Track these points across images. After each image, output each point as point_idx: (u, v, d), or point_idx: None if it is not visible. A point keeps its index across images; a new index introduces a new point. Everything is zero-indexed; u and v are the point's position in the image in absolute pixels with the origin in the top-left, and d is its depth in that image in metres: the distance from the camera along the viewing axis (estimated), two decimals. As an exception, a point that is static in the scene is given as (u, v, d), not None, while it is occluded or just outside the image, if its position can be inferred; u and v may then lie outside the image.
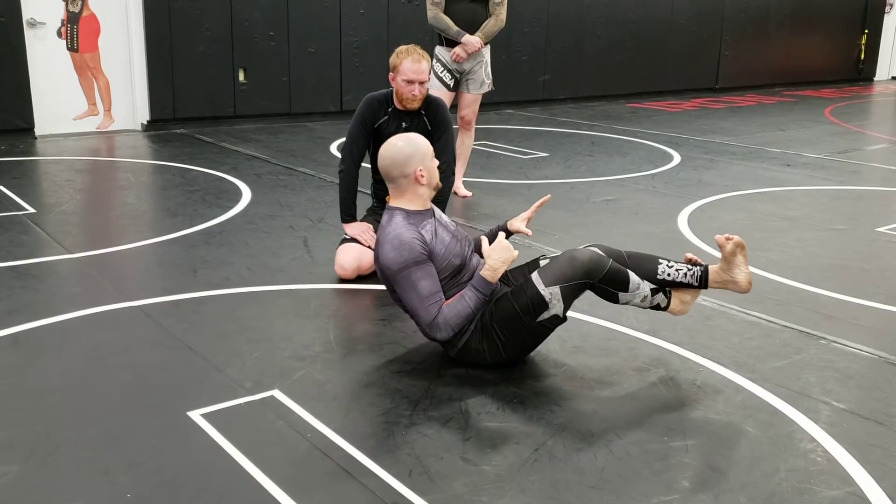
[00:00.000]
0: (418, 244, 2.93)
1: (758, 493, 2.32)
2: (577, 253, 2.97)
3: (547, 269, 2.97)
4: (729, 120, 10.46)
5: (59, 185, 6.07)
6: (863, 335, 3.49)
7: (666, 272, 3.13)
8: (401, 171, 3.04)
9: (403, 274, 2.92)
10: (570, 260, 2.95)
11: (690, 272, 3.14)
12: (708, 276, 3.14)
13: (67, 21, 8.10)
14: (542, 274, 2.95)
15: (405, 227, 2.97)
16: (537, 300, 2.92)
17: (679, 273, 3.14)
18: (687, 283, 3.14)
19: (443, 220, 3.16)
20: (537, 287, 2.93)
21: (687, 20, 12.64)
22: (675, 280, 3.13)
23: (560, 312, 2.96)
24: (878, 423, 2.74)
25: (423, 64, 3.99)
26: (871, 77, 16.30)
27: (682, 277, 3.13)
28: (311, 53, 9.26)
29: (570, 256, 2.97)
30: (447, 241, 3.05)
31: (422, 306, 2.92)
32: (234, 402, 2.76)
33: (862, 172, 7.23)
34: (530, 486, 2.33)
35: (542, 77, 11.32)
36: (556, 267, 2.95)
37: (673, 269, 3.14)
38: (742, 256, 3.13)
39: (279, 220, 5.15)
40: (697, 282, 3.14)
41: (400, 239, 2.93)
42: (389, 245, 2.95)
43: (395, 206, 3.07)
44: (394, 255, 2.92)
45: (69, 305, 3.60)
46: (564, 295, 2.93)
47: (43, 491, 2.26)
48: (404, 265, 2.91)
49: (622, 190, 6.21)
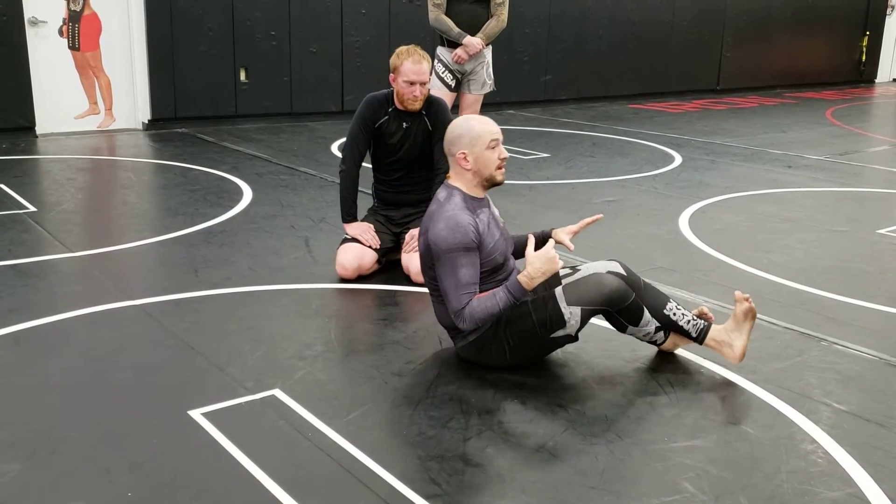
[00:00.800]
0: (472, 231, 2.90)
1: (758, 494, 2.32)
2: (605, 280, 2.95)
3: (572, 287, 2.95)
4: (730, 121, 10.46)
5: (61, 183, 6.07)
6: (864, 337, 3.49)
7: (673, 311, 3.11)
8: (449, 149, 3.03)
9: (450, 256, 2.88)
10: (598, 286, 2.94)
11: (694, 322, 3.12)
12: (707, 333, 3.13)
13: (69, 20, 8.10)
14: (567, 292, 2.94)
15: (463, 210, 2.94)
16: (557, 317, 2.92)
17: (684, 319, 3.11)
18: (686, 331, 3.12)
19: (495, 215, 3.15)
20: (559, 305, 2.92)
21: (688, 21, 12.64)
22: (677, 323, 3.11)
23: (574, 332, 2.98)
24: (879, 425, 2.74)
25: (424, 65, 3.99)
26: (872, 79, 16.31)
27: (684, 324, 3.11)
28: (313, 53, 9.26)
29: (598, 282, 2.95)
30: (496, 236, 3.05)
31: (455, 293, 2.88)
32: (235, 402, 2.76)
33: (863, 174, 7.23)
34: (531, 486, 2.33)
35: (544, 77, 11.32)
36: (582, 288, 2.94)
37: (680, 311, 3.12)
38: (749, 325, 3.09)
39: (280, 219, 5.15)
40: (696, 334, 3.12)
41: (456, 220, 2.90)
42: (444, 223, 2.90)
43: (453, 184, 3.04)
44: (446, 234, 2.88)
45: (70, 304, 3.60)
46: (583, 317, 2.94)
47: (44, 490, 2.26)
48: (454, 247, 2.87)
49: (623, 191, 6.21)
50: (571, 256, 4.19)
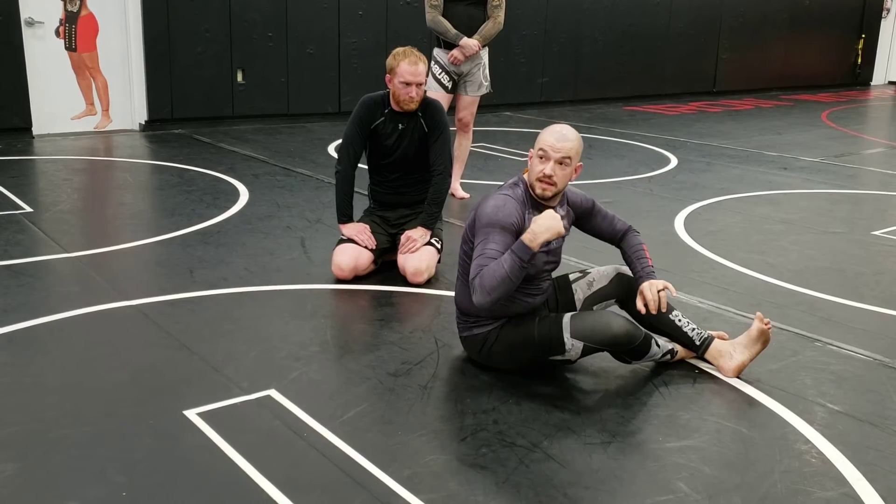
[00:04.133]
0: (515, 218, 2.90)
1: (752, 494, 2.33)
2: (614, 323, 2.90)
3: (579, 320, 2.93)
4: (726, 123, 10.47)
5: (57, 184, 6.07)
6: (858, 338, 3.50)
7: (679, 318, 3.12)
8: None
9: (486, 229, 2.89)
10: (606, 327, 2.90)
11: (698, 331, 3.12)
12: (709, 346, 3.11)
13: (66, 20, 8.09)
14: (574, 322, 2.92)
15: (516, 203, 2.93)
16: (558, 343, 2.92)
17: (688, 326, 3.12)
18: (690, 338, 3.11)
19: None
20: (563, 334, 2.91)
21: (685, 24, 12.66)
22: (681, 329, 3.11)
23: (573, 359, 2.98)
24: (873, 425, 2.75)
25: (421, 66, 3.99)
26: (867, 81, 16.34)
27: (688, 329, 3.12)
28: (310, 54, 9.26)
29: (606, 323, 2.91)
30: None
31: (476, 262, 2.89)
32: (230, 402, 2.76)
33: (858, 176, 7.25)
34: (526, 485, 2.33)
35: (541, 79, 11.33)
36: (590, 324, 2.92)
37: (685, 320, 3.13)
38: (759, 347, 3.09)
39: (277, 220, 5.15)
40: (699, 341, 3.12)
41: (505, 203, 2.91)
42: (494, 201, 2.93)
43: (525, 177, 3.03)
44: (490, 210, 2.90)
45: (66, 304, 3.60)
46: (584, 351, 2.93)
47: (38, 489, 2.26)
48: (493, 222, 2.88)
49: (619, 192, 6.22)
50: (577, 261, 4.20)
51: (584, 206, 3.15)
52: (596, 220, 3.18)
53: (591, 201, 3.17)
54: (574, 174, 2.97)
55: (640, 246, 3.14)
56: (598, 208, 3.18)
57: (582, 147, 2.97)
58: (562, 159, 2.89)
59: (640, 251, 3.12)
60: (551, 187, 2.92)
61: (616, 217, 3.21)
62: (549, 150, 2.90)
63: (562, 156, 2.89)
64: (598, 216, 3.17)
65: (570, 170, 2.93)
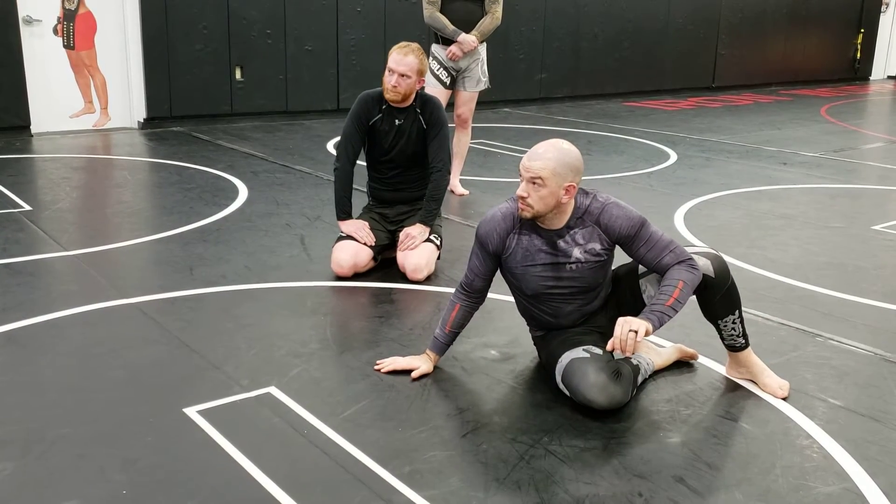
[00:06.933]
0: (493, 237, 2.85)
1: (753, 489, 2.33)
2: (595, 396, 2.66)
3: (569, 373, 2.73)
4: (725, 118, 10.47)
5: (56, 182, 6.06)
6: (859, 332, 3.50)
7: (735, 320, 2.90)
8: None
9: (475, 242, 2.93)
10: (587, 390, 2.67)
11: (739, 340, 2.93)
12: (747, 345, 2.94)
13: (64, 18, 8.08)
14: (568, 368, 2.74)
15: (503, 218, 2.84)
16: (551, 371, 2.88)
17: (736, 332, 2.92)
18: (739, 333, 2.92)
19: (564, 252, 2.81)
20: (556, 376, 2.82)
21: (684, 19, 12.65)
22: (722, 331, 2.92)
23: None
24: (874, 420, 2.75)
25: (410, 58, 3.97)
26: (866, 76, 16.34)
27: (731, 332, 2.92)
28: (309, 51, 9.25)
29: (590, 385, 2.66)
30: (536, 270, 2.83)
31: (465, 272, 2.98)
32: (230, 399, 2.76)
33: (858, 171, 7.25)
34: (526, 481, 2.33)
35: (540, 75, 11.32)
36: (576, 381, 2.70)
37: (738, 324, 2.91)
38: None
39: (276, 217, 5.15)
40: (743, 339, 2.92)
41: (492, 218, 2.87)
42: (489, 213, 2.89)
43: None
44: (480, 224, 2.91)
45: (65, 303, 3.60)
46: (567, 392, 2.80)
47: (38, 488, 2.26)
48: (477, 238, 2.91)
49: (619, 188, 6.21)
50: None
51: (622, 233, 2.78)
52: (637, 248, 2.79)
53: (634, 226, 2.78)
54: (565, 194, 2.70)
55: (676, 281, 2.69)
56: (643, 234, 2.78)
57: (569, 166, 2.68)
58: (532, 179, 2.66)
59: (669, 285, 2.68)
60: (528, 209, 2.71)
61: (669, 248, 2.77)
62: (521, 169, 2.72)
63: (531, 175, 2.66)
64: (639, 242, 2.78)
65: (546, 191, 2.66)
